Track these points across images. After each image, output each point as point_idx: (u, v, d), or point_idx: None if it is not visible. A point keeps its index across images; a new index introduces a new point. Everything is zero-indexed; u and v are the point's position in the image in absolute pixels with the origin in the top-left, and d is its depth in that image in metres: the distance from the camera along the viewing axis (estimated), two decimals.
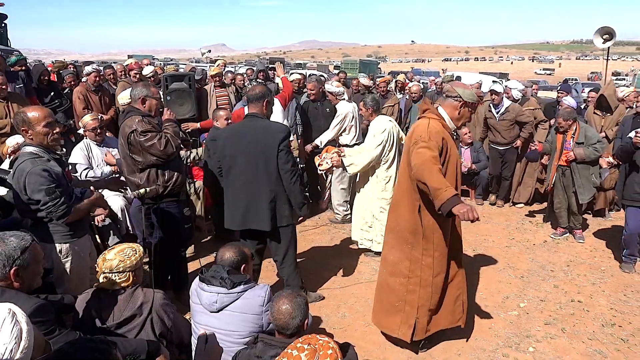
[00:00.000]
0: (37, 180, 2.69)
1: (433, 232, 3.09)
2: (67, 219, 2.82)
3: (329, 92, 5.92)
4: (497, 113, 6.43)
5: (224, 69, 8.92)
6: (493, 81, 10.92)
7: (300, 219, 3.68)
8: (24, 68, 6.20)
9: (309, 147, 5.99)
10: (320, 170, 4.99)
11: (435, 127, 2.98)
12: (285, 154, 3.42)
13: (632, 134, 4.54)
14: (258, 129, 3.45)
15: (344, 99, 5.71)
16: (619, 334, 3.64)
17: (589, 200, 5.36)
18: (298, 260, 4.91)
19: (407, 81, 9.56)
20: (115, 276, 2.37)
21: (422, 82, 11.07)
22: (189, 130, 5.79)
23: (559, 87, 7.19)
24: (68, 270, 2.93)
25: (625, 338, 3.58)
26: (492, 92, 6.40)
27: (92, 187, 3.25)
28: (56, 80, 7.50)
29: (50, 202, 2.72)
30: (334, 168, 4.89)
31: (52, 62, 9.00)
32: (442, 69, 43.32)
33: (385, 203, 4.71)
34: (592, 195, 5.33)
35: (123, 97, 3.93)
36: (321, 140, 5.75)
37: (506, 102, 6.45)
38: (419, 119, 3.16)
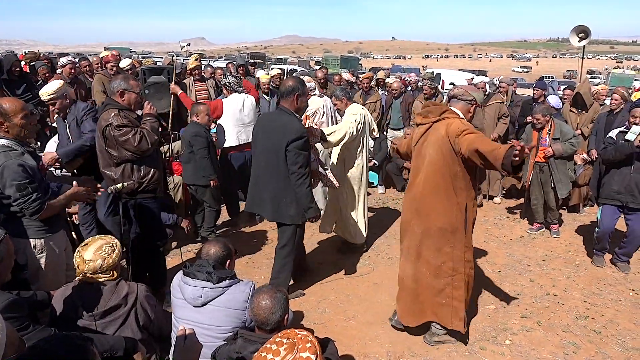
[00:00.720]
0: (9, 175, 2.61)
1: (471, 227, 3.29)
2: (40, 214, 2.75)
3: None
4: None
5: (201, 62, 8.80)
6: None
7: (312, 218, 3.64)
8: None
9: None
10: None
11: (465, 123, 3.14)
12: (295, 155, 3.46)
13: (630, 137, 4.33)
14: (278, 124, 3.56)
15: (315, 94, 5.70)
16: (591, 326, 3.74)
17: (567, 194, 5.48)
18: None
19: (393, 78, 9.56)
20: (99, 276, 2.37)
21: (406, 80, 11.09)
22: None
23: (534, 85, 7.31)
24: (43, 266, 2.87)
25: (598, 330, 3.68)
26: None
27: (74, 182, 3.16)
28: (28, 71, 7.28)
29: (21, 198, 2.65)
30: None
31: (24, 53, 8.69)
32: (423, 66, 43.71)
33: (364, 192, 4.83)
34: (569, 189, 5.45)
35: (45, 93, 3.79)
36: None
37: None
38: (437, 121, 3.17)
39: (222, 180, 5.31)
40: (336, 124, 5.71)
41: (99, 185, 3.27)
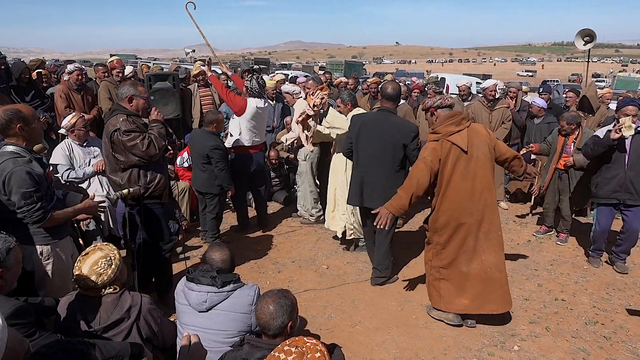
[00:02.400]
0: (16, 182, 2.61)
1: None
2: (42, 224, 2.73)
3: (285, 92, 5.89)
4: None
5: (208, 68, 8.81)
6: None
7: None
8: (2, 67, 6.06)
9: (273, 154, 6.24)
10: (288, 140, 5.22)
11: None
12: (416, 152, 4.00)
13: (628, 133, 4.29)
14: (389, 124, 4.06)
15: (300, 97, 5.69)
16: (601, 332, 3.69)
17: (584, 206, 5.38)
18: (285, 259, 4.91)
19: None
20: (96, 291, 2.32)
21: (407, 84, 11.07)
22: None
23: (540, 89, 7.29)
24: (50, 272, 2.86)
25: (608, 335, 3.64)
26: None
27: (90, 192, 3.19)
28: (36, 78, 7.34)
29: (25, 206, 2.64)
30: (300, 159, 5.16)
31: (30, 60, 8.81)
32: (427, 70, 43.70)
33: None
34: (588, 201, 5.34)
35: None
36: (286, 137, 5.73)
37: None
38: (464, 129, 3.47)
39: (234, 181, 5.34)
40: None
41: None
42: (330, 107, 4.85)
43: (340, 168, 4.89)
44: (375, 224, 3.55)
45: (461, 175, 3.43)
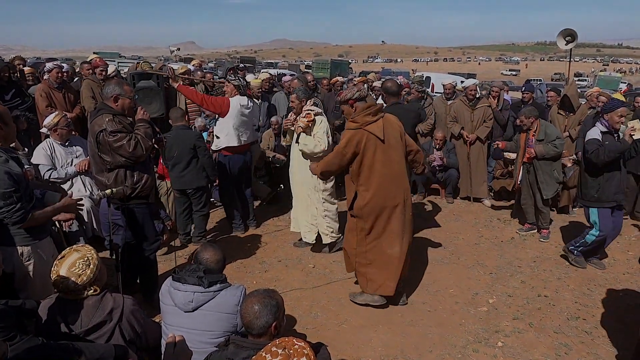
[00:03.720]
0: None
1: None
2: (23, 224, 2.69)
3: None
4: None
5: (200, 68, 8.75)
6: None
7: None
8: None
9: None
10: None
11: None
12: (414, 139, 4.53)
13: (596, 130, 4.38)
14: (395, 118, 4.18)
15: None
16: (583, 327, 3.76)
17: (553, 195, 5.48)
18: (272, 259, 4.90)
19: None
20: (76, 294, 2.26)
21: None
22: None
23: (523, 88, 7.38)
24: (31, 273, 2.81)
25: (589, 330, 3.71)
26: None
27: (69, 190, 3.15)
28: (19, 77, 7.23)
29: (5, 207, 2.59)
30: None
31: (10, 59, 8.67)
32: (412, 70, 43.90)
33: (327, 194, 4.88)
34: (556, 190, 5.45)
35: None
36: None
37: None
38: (379, 119, 3.73)
39: (222, 181, 5.34)
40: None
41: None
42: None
43: (305, 174, 4.71)
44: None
45: (381, 161, 3.69)
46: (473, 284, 4.46)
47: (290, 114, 5.05)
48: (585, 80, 37.09)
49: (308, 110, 4.69)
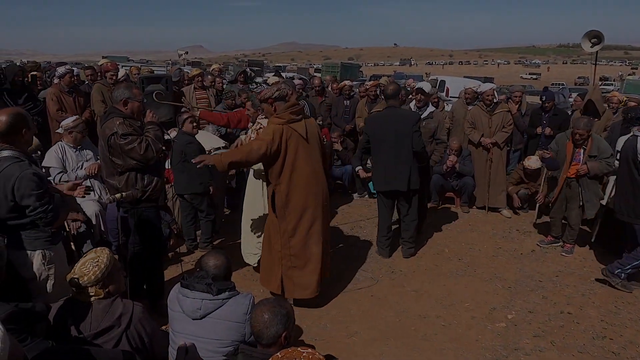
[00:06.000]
0: (27, 185, 2.68)
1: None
2: (54, 224, 2.85)
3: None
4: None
5: (220, 74, 8.84)
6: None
7: None
8: None
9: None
10: None
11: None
12: (419, 135, 4.94)
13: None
14: (400, 116, 4.97)
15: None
16: (610, 347, 3.69)
17: (594, 216, 5.23)
18: None
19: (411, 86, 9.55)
20: (83, 293, 2.35)
21: (407, 88, 11.11)
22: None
23: (542, 97, 7.28)
24: (53, 277, 2.93)
25: (617, 351, 3.64)
26: (419, 90, 6.54)
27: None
28: (30, 81, 7.45)
29: (40, 207, 2.73)
30: None
31: (25, 62, 9.00)
32: (426, 73, 43.92)
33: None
34: (598, 210, 5.20)
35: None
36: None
37: (430, 108, 6.59)
38: (301, 119, 3.97)
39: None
40: None
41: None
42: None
43: (257, 193, 4.55)
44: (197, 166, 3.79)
45: (304, 159, 3.84)
46: (490, 298, 4.41)
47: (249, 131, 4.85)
48: (612, 84, 36.80)
49: (259, 123, 4.47)
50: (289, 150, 3.79)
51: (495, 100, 6.76)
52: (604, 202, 5.30)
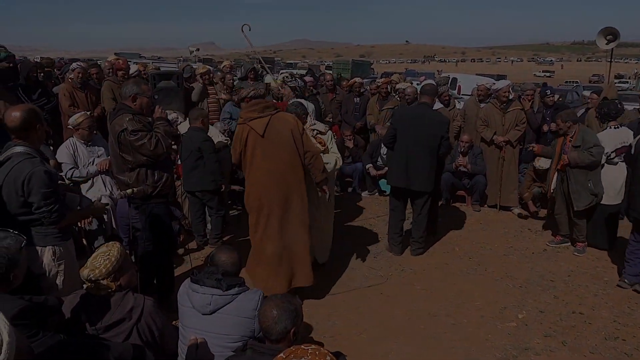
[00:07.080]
0: (36, 182, 2.71)
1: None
2: (58, 224, 2.86)
3: None
4: None
5: (231, 70, 8.86)
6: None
7: None
8: (11, 65, 6.20)
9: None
10: None
11: None
12: (448, 140, 5.07)
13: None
14: (429, 118, 4.97)
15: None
16: (622, 348, 3.66)
17: (585, 207, 5.20)
18: None
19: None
20: (93, 285, 2.39)
21: (416, 84, 11.08)
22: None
23: (541, 91, 7.27)
24: (63, 272, 2.96)
25: (629, 352, 3.61)
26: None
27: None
28: (44, 77, 7.54)
29: (45, 206, 2.75)
30: None
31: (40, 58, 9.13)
32: (438, 70, 43.68)
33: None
34: (589, 203, 5.18)
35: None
36: None
37: (437, 105, 6.58)
38: (266, 116, 3.87)
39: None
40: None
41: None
42: None
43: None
44: None
45: (261, 157, 3.84)
46: (501, 298, 4.39)
47: None
48: (627, 82, 36.32)
49: (313, 129, 4.59)
50: (247, 148, 3.86)
51: (510, 98, 6.73)
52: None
